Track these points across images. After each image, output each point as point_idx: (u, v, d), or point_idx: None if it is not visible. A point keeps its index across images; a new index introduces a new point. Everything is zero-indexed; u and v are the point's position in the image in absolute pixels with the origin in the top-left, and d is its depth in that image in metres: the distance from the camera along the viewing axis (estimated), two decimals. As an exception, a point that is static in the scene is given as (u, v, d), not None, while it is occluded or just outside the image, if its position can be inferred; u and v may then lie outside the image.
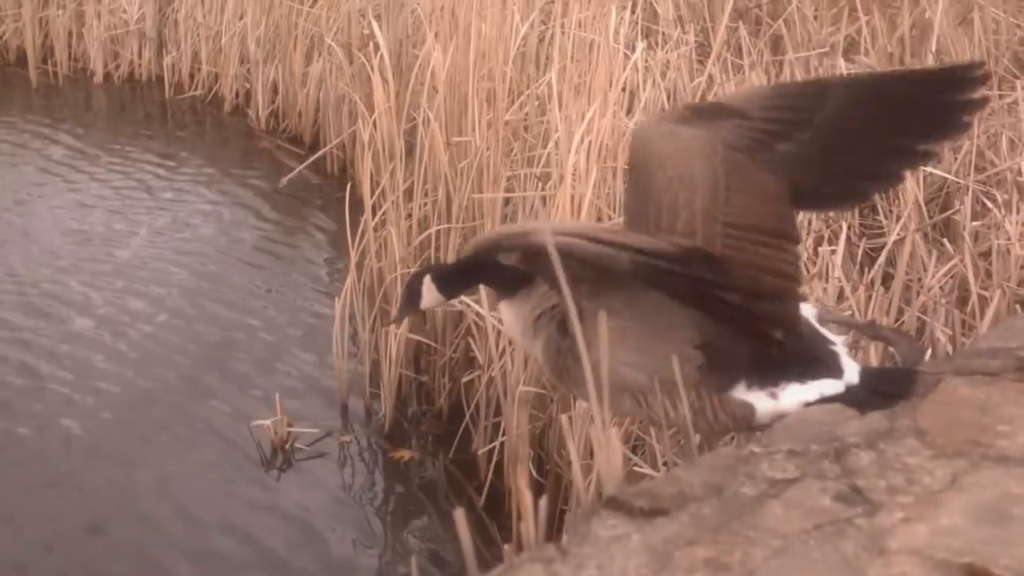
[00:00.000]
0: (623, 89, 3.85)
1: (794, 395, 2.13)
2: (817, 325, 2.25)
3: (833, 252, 3.29)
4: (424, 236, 4.15)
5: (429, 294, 2.53)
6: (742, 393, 2.14)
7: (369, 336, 4.11)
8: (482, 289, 3.63)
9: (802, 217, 3.58)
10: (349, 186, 4.51)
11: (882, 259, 3.41)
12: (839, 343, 2.20)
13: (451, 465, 3.61)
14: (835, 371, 2.13)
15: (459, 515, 1.81)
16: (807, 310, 2.29)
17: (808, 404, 2.08)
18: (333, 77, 5.74)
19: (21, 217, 5.35)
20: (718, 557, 1.60)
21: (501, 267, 2.39)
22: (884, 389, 2.07)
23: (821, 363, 2.14)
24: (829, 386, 2.11)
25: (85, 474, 3.43)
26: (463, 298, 3.81)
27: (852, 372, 2.13)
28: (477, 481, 3.50)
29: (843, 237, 3.32)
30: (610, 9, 4.07)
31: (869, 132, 2.27)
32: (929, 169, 3.83)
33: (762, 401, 2.13)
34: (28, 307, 4.43)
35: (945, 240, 3.58)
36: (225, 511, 3.28)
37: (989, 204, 3.62)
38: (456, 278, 2.58)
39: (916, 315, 3.03)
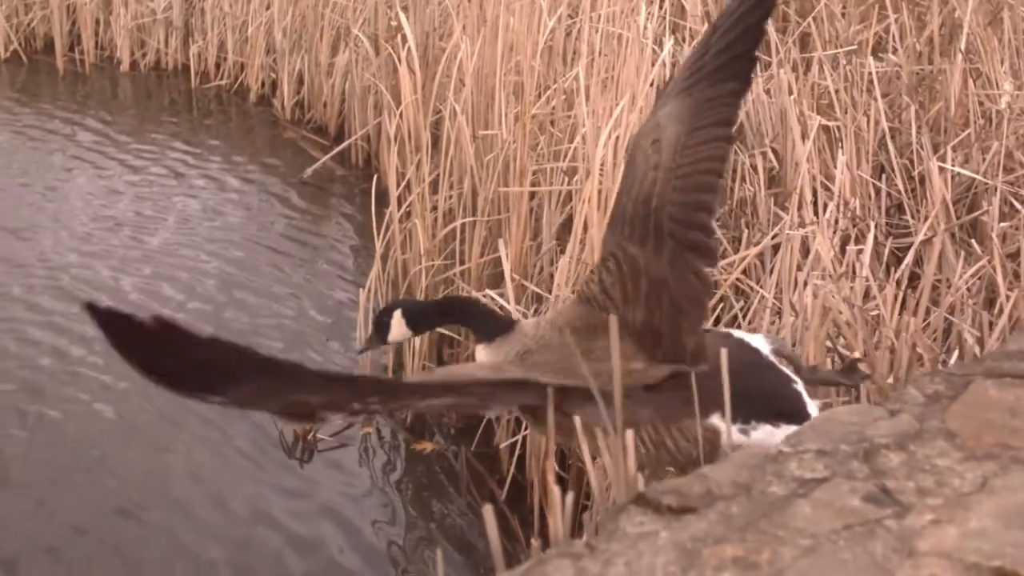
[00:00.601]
0: (651, 84, 3.84)
1: (763, 434, 2.25)
2: (774, 359, 2.36)
3: (860, 251, 3.28)
4: (449, 229, 4.16)
5: (398, 328, 2.65)
6: (714, 422, 2.23)
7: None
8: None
9: (829, 216, 3.58)
10: (376, 178, 4.53)
11: (909, 259, 3.40)
12: (799, 382, 2.31)
13: (473, 458, 3.61)
14: (801, 411, 2.24)
15: (488, 512, 1.83)
16: (761, 343, 2.39)
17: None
18: (359, 68, 5.75)
19: (51, 202, 5.38)
20: (746, 556, 1.60)
21: (481, 312, 2.66)
22: None
23: (788, 401, 2.24)
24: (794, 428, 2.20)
25: (117, 458, 3.46)
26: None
27: (814, 411, 2.25)
28: (499, 475, 3.51)
29: (871, 236, 3.30)
30: (639, 4, 4.06)
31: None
32: (957, 169, 3.81)
33: (735, 434, 2.22)
34: (59, 292, 4.46)
35: (973, 241, 3.56)
36: (253, 497, 3.30)
37: (1017, 205, 3.60)
38: (425, 315, 2.71)
39: (944, 316, 3.01)
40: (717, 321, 3.42)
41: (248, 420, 3.60)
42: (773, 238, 3.57)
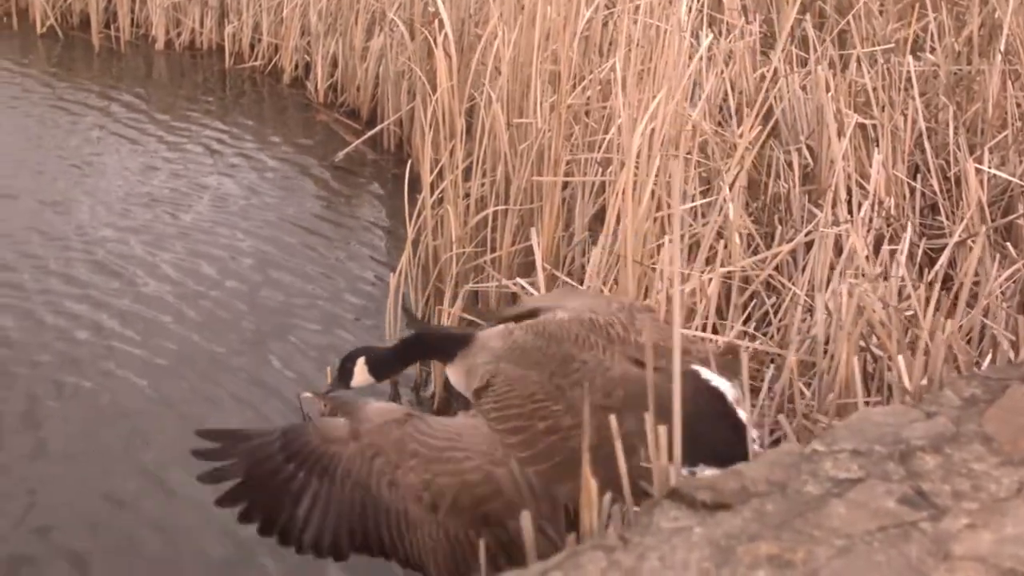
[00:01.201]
0: (689, 77, 3.84)
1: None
2: (735, 406, 2.48)
3: (893, 252, 3.27)
4: (481, 216, 4.16)
5: (360, 374, 2.84)
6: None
7: (422, 313, 4.15)
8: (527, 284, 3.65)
9: (864, 214, 3.57)
10: (408, 163, 4.55)
11: (943, 260, 3.38)
12: (755, 434, 2.42)
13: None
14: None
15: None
16: (727, 389, 2.50)
17: None
18: (394, 52, 5.76)
19: (87, 177, 5.42)
20: (781, 554, 1.61)
21: (436, 338, 2.90)
22: None
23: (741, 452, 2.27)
24: None
25: (152, 432, 3.48)
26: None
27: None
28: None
29: (907, 235, 3.29)
30: (678, -4, 4.05)
31: None
32: (993, 171, 3.79)
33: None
34: (96, 266, 4.50)
35: (1008, 243, 3.54)
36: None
37: (1054, 208, 3.58)
38: (385, 363, 2.88)
39: (978, 319, 3.00)
40: (748, 318, 3.42)
41: (279, 398, 3.63)
42: (807, 235, 3.56)
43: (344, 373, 2.85)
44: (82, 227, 4.85)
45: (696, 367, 2.58)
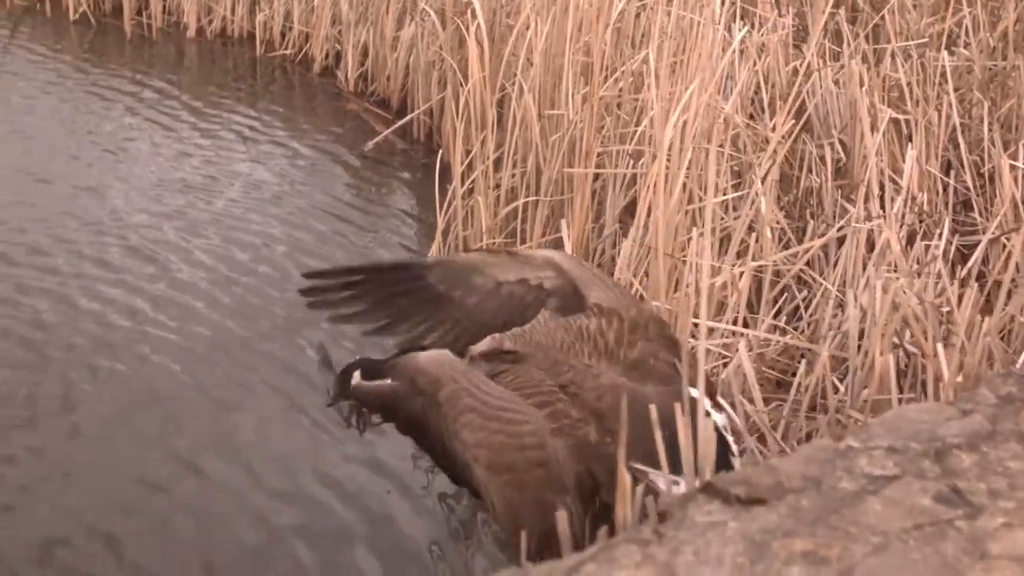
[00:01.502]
0: (722, 71, 3.83)
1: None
2: (724, 432, 2.49)
3: (932, 247, 3.26)
4: (511, 207, 4.17)
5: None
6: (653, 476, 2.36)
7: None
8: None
9: (897, 210, 3.56)
10: (440, 153, 4.56)
11: (977, 256, 3.37)
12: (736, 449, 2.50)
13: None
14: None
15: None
16: (717, 416, 2.50)
17: None
18: (425, 42, 5.77)
19: (120, 162, 5.46)
20: (816, 551, 1.61)
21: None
22: None
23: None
24: None
25: (186, 416, 3.51)
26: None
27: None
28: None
29: (945, 231, 3.28)
30: (713, -11, 4.04)
31: None
32: (1027, 167, 3.77)
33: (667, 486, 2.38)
34: (130, 251, 4.53)
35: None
36: (316, 460, 3.34)
37: (1090, 205, 3.56)
38: (381, 376, 2.89)
39: (1012, 316, 2.99)
40: (778, 313, 3.42)
41: (311, 386, 3.65)
42: (839, 230, 3.55)
43: (343, 386, 2.93)
44: (116, 212, 4.89)
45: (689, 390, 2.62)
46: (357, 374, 2.88)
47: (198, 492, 3.18)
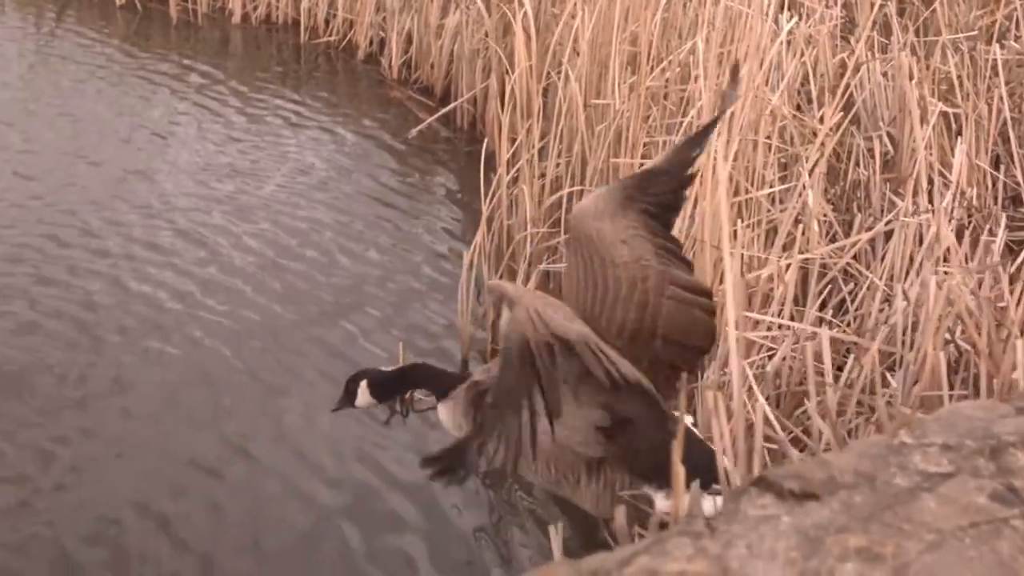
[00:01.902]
0: (769, 61, 3.81)
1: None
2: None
3: (976, 241, 3.24)
4: (556, 197, 4.18)
5: (363, 396, 2.99)
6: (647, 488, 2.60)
7: (496, 291, 4.18)
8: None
9: (946, 204, 3.53)
10: (485, 141, 4.57)
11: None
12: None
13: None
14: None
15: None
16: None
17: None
18: (469, 30, 5.78)
19: (168, 147, 5.53)
20: (870, 547, 1.61)
21: (435, 374, 2.99)
22: None
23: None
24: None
25: (235, 399, 3.56)
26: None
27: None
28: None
29: (1002, 226, 3.26)
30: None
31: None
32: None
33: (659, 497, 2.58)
34: (179, 234, 4.60)
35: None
36: (362, 444, 3.38)
37: None
38: (387, 387, 3.02)
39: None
40: (823, 306, 3.41)
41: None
42: (886, 224, 3.53)
43: (350, 395, 3.00)
44: (165, 196, 4.95)
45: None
46: (364, 383, 2.97)
47: (247, 475, 3.23)
